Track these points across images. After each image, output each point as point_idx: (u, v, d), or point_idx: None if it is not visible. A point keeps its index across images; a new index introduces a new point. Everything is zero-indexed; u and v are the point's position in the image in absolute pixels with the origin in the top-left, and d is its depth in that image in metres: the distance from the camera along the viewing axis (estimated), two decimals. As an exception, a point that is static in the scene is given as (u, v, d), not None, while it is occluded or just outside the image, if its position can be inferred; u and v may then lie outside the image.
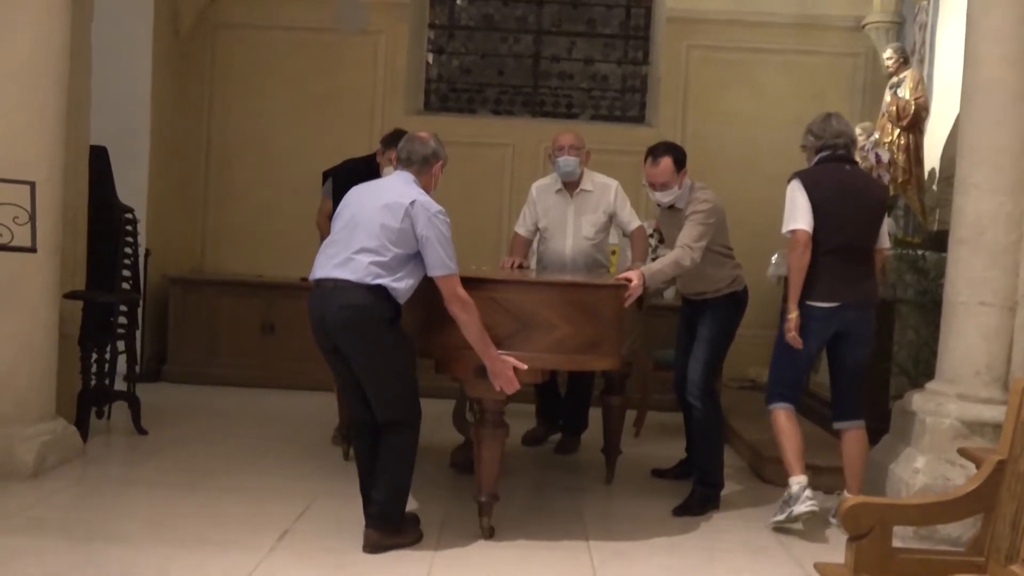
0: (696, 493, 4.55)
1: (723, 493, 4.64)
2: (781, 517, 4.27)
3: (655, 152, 4.50)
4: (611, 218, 5.24)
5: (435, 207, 3.69)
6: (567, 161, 5.12)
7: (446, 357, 3.90)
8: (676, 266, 4.36)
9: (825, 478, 4.86)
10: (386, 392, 3.69)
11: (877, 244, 4.31)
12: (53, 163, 4.66)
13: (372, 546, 3.67)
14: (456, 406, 5.12)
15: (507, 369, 3.72)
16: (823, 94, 7.83)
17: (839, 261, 4.18)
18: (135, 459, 5.14)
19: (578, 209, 5.21)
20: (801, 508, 4.23)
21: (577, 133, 5.31)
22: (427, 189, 3.81)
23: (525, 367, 3.76)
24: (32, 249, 4.19)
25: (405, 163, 3.85)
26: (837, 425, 4.42)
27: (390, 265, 3.61)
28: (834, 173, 4.23)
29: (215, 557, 3.56)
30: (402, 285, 3.65)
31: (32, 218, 4.19)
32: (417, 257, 3.66)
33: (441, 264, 3.64)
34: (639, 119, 8.30)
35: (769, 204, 7.60)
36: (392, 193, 3.72)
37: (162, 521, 4.00)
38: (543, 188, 5.33)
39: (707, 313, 4.63)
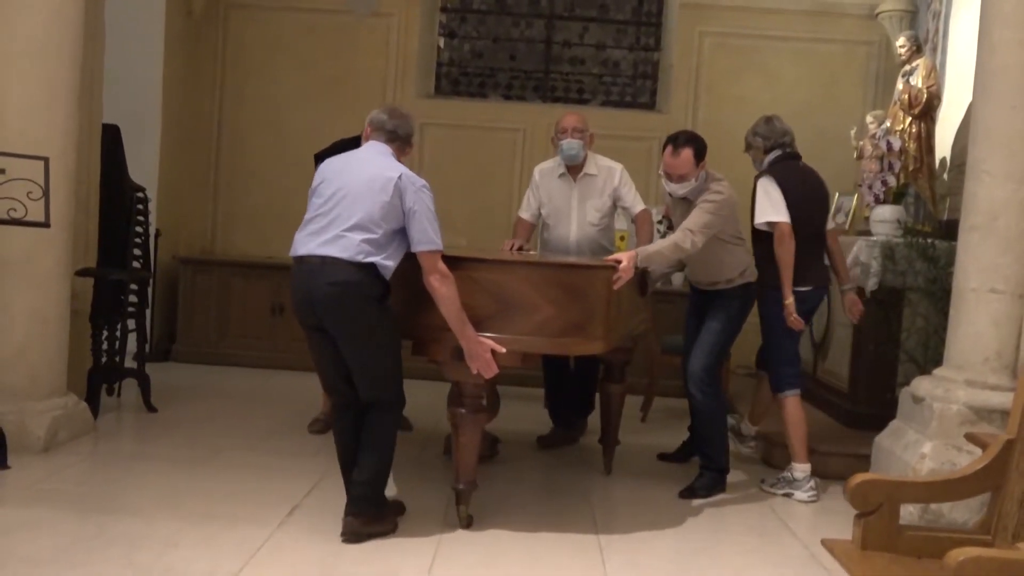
0: (702, 476, 4.56)
1: (730, 480, 4.64)
2: (778, 493, 4.63)
3: (676, 141, 4.38)
4: (617, 202, 5.11)
5: (420, 181, 3.60)
6: (570, 144, 4.99)
7: (424, 338, 3.77)
8: (675, 249, 4.24)
9: (832, 463, 4.88)
10: (373, 370, 3.59)
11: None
12: (67, 139, 4.68)
13: (352, 535, 3.55)
14: (451, 389, 5.01)
15: (484, 351, 3.60)
16: (836, 82, 7.82)
17: (811, 248, 4.63)
18: (145, 436, 5.18)
19: (582, 194, 5.09)
20: (803, 496, 4.57)
21: (580, 115, 5.15)
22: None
23: (503, 350, 3.63)
24: (46, 224, 4.23)
25: (389, 136, 3.72)
26: (763, 373, 4.96)
27: (380, 242, 3.51)
28: (794, 170, 4.68)
29: (224, 531, 3.59)
30: (390, 263, 3.56)
31: (46, 193, 4.23)
32: (403, 233, 3.56)
33: (427, 239, 3.54)
34: (650, 106, 8.29)
35: (779, 192, 7.65)
36: (376, 166, 3.60)
37: (172, 496, 4.03)
38: (546, 172, 5.19)
39: (717, 303, 4.58)
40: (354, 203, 3.52)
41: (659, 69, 8.29)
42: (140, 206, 5.77)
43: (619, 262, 3.92)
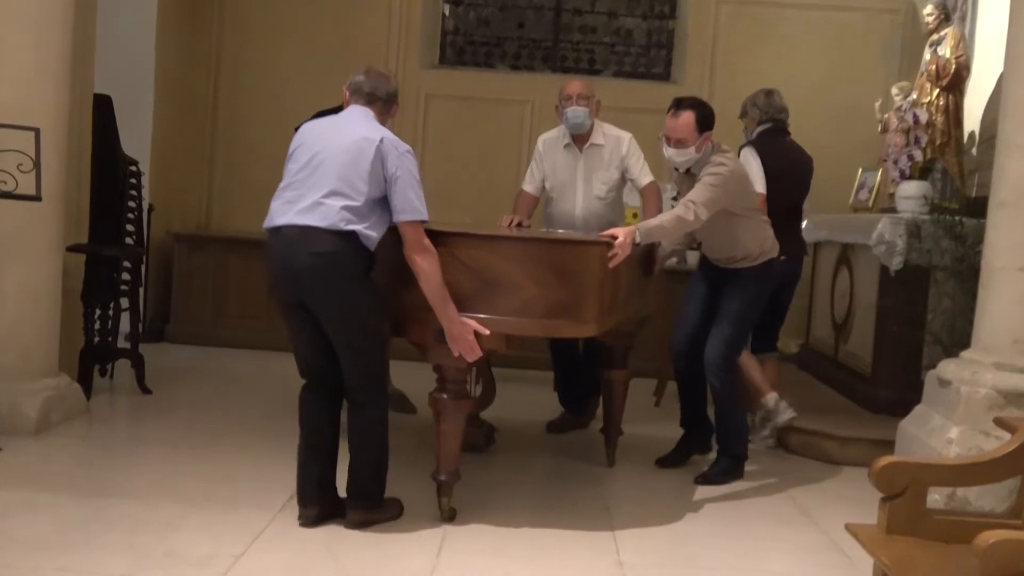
0: (719, 462, 4.58)
1: (746, 467, 4.65)
2: (766, 432, 5.05)
3: (679, 103, 4.32)
4: (624, 174, 5.02)
5: (404, 146, 3.51)
6: (576, 112, 4.91)
7: (404, 318, 3.66)
8: (678, 223, 4.14)
9: (854, 450, 4.91)
10: (359, 349, 3.50)
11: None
12: (58, 110, 4.71)
13: (358, 523, 3.56)
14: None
15: (467, 333, 3.50)
16: (858, 53, 7.80)
17: (785, 221, 4.88)
18: (141, 418, 5.23)
19: (588, 166, 5.01)
20: (783, 417, 5.05)
21: (586, 81, 5.07)
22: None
23: (487, 332, 3.52)
24: (37, 197, 4.27)
25: (368, 98, 3.62)
26: (763, 356, 5.20)
27: (362, 211, 3.42)
28: (779, 145, 4.99)
29: (225, 514, 3.63)
30: (374, 233, 3.46)
31: (37, 165, 4.26)
32: (386, 203, 3.47)
33: (410, 208, 3.45)
34: (664, 76, 8.27)
35: (799, 167, 7.64)
36: (357, 130, 3.50)
37: (170, 479, 4.07)
38: (550, 142, 5.12)
39: (736, 283, 4.47)
40: (332, 168, 3.44)
41: (674, 38, 8.27)
42: (133, 180, 5.79)
43: (615, 238, 3.79)
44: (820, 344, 6.81)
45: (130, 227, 5.79)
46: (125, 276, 5.68)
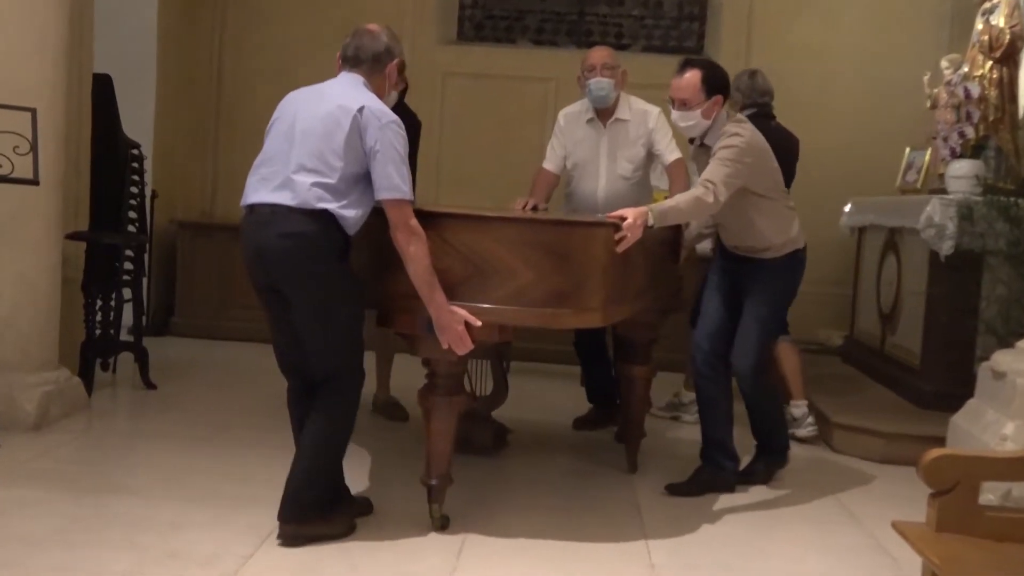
0: (758, 459, 4.51)
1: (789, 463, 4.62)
2: None
3: (684, 63, 4.17)
4: (649, 149, 4.91)
5: (389, 115, 3.36)
6: (599, 83, 4.80)
7: (391, 307, 3.56)
8: (695, 205, 3.93)
9: (902, 447, 4.87)
10: (327, 338, 3.38)
11: None
12: (55, 90, 4.74)
13: (286, 537, 3.37)
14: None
15: (456, 323, 3.36)
16: (904, 22, 7.74)
17: None
18: (144, 413, 5.27)
19: (612, 142, 4.91)
20: (803, 432, 5.19)
21: (610, 50, 4.97)
22: (380, 95, 3.47)
23: (478, 323, 3.39)
24: (34, 181, 4.30)
25: (352, 62, 3.49)
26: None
27: (337, 188, 3.29)
28: (764, 129, 4.59)
29: (232, 512, 3.65)
30: (351, 213, 3.33)
31: (34, 148, 4.29)
32: (368, 179, 3.34)
33: (391, 185, 3.30)
34: (697, 51, 8.20)
35: (843, 147, 7.61)
36: (337, 98, 3.37)
37: (174, 475, 4.11)
38: (572, 116, 5.03)
39: (760, 276, 4.25)
40: (305, 141, 3.33)
41: (707, 9, 8.23)
42: (135, 164, 5.82)
43: (624, 219, 3.64)
44: (865, 336, 6.77)
45: (132, 214, 5.82)
46: (127, 266, 5.72)
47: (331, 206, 3.30)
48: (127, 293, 5.74)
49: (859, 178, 7.36)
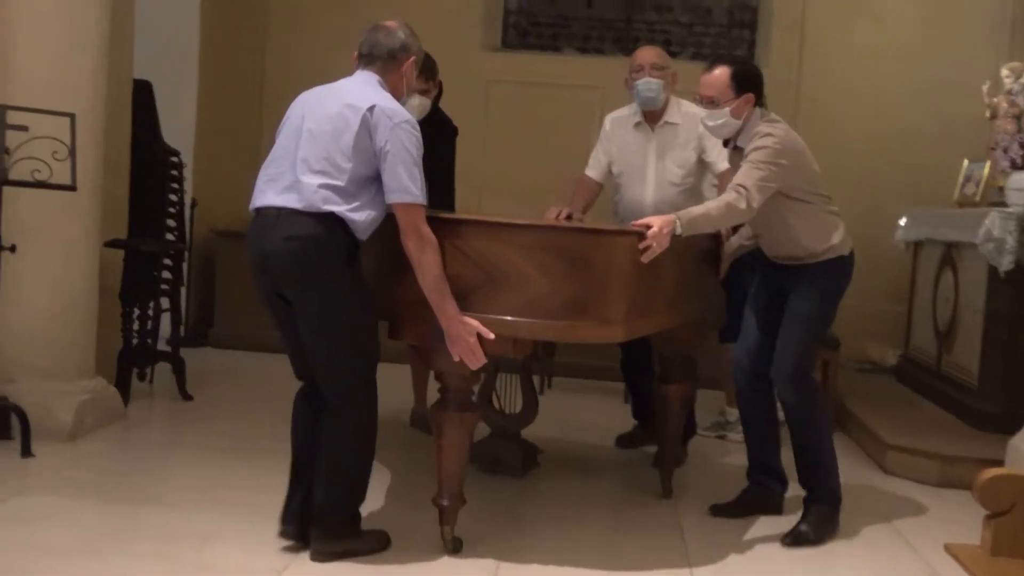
0: (810, 513, 4.02)
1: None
2: (711, 436, 5.12)
3: (714, 59, 4.05)
4: (700, 156, 4.76)
5: (402, 115, 3.27)
6: (648, 83, 4.68)
7: (400, 316, 3.45)
8: (727, 211, 3.74)
9: (958, 470, 4.78)
10: (333, 347, 3.29)
11: None
12: (95, 95, 4.80)
13: (318, 553, 3.35)
14: (482, 386, 4.64)
15: (468, 334, 3.26)
16: (962, 29, 7.62)
17: None
18: (179, 424, 5.31)
19: (661, 147, 4.77)
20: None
21: (659, 49, 4.88)
22: (396, 94, 3.41)
23: (491, 335, 3.28)
24: (72, 187, 4.36)
25: (367, 60, 3.44)
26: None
27: (346, 190, 3.22)
28: None
29: (266, 526, 3.62)
30: (361, 217, 3.25)
31: (72, 153, 4.35)
32: (379, 181, 3.26)
33: (401, 188, 3.21)
34: (747, 59, 8.17)
35: (898, 158, 7.52)
36: (348, 97, 3.30)
37: (208, 486, 4.13)
38: (619, 121, 4.92)
39: (803, 282, 4.00)
40: (313, 141, 3.27)
41: (758, 16, 8.18)
42: (174, 172, 5.89)
43: (649, 227, 3.50)
44: (921, 354, 6.67)
45: (171, 222, 5.88)
46: (166, 275, 5.77)
47: (339, 208, 3.23)
48: (165, 302, 5.79)
49: (915, 190, 7.26)
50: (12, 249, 4.33)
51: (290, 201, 3.24)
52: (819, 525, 3.98)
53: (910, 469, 5.00)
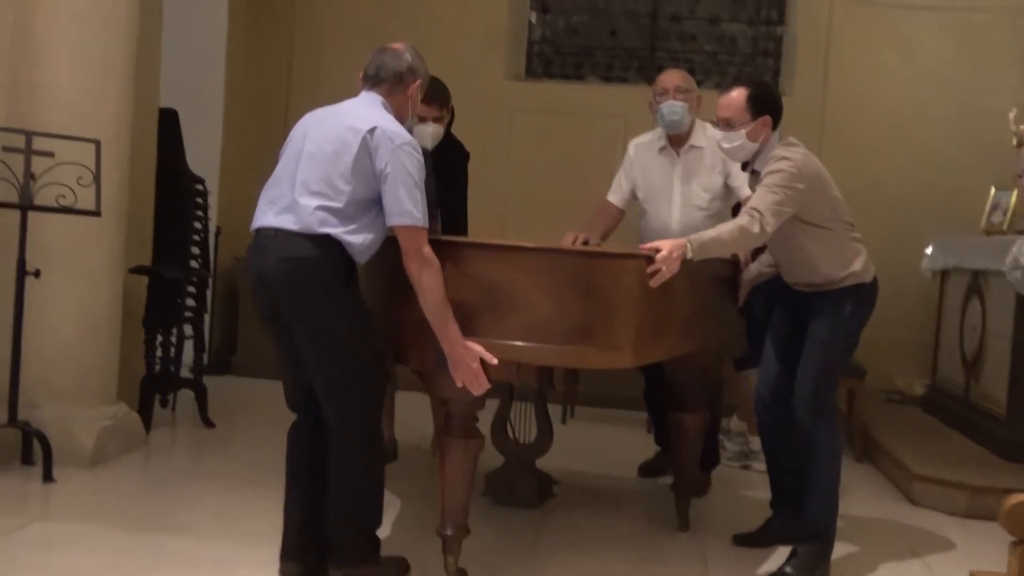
0: (797, 554, 3.84)
1: (866, 515, 4.48)
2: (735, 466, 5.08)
3: (732, 81, 4.02)
4: (726, 180, 4.69)
5: (403, 137, 3.24)
6: (672, 107, 4.63)
7: (404, 340, 3.40)
8: (740, 235, 3.65)
9: (986, 501, 4.72)
10: (334, 372, 3.27)
11: None
12: (121, 122, 4.85)
13: None
14: (497, 415, 4.65)
15: (471, 360, 3.19)
16: (990, 57, 7.61)
17: None
18: (201, 452, 5.33)
19: (687, 171, 4.73)
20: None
21: (684, 72, 4.84)
22: (401, 116, 3.39)
23: (495, 361, 3.21)
24: (96, 213, 4.40)
25: (372, 81, 3.41)
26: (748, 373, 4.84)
27: (345, 212, 3.19)
28: None
29: (285, 554, 3.64)
30: (359, 239, 3.23)
31: (97, 179, 4.40)
32: (379, 204, 3.23)
33: (401, 210, 3.17)
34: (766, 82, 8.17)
35: (925, 186, 7.48)
36: (349, 119, 3.28)
37: (228, 514, 4.13)
38: (643, 146, 4.88)
39: (825, 308, 3.89)
40: (312, 163, 3.25)
41: (783, 45, 8.19)
42: (199, 199, 5.93)
43: (658, 251, 3.41)
44: (948, 384, 6.61)
45: (195, 250, 5.91)
46: (189, 302, 5.81)
47: (335, 231, 3.20)
48: (188, 329, 5.82)
49: (942, 217, 7.22)
50: (37, 274, 4.38)
51: (287, 222, 3.23)
52: (808, 566, 3.81)
53: (938, 500, 4.95)
